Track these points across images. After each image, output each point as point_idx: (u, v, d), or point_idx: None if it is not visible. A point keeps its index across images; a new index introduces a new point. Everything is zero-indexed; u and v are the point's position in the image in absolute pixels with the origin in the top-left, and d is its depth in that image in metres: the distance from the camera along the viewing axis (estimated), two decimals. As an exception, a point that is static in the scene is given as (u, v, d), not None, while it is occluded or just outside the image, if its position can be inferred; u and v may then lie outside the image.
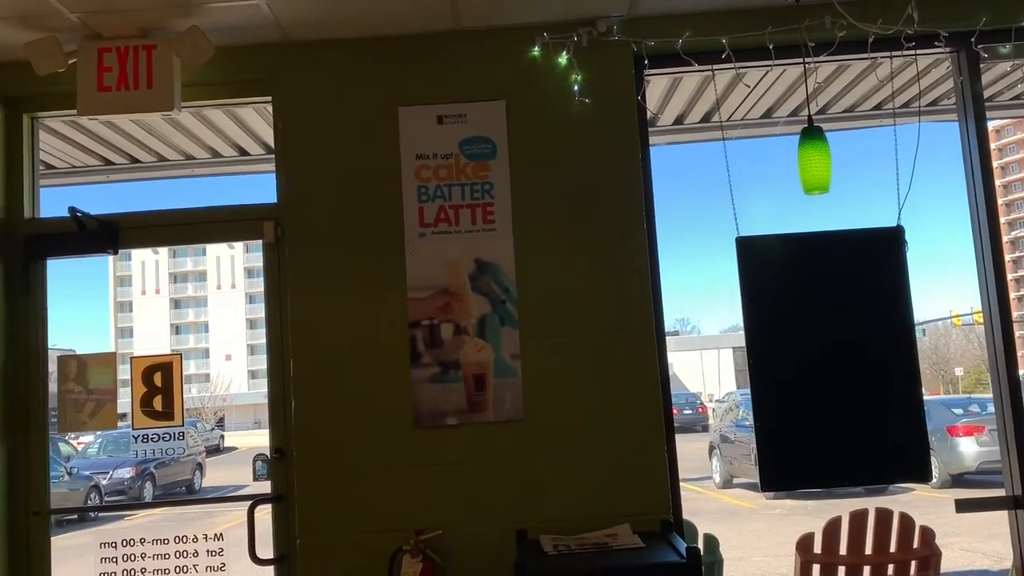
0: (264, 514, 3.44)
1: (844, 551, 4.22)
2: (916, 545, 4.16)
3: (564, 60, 3.44)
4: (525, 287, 3.43)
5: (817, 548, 4.23)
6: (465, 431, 3.37)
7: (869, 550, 4.24)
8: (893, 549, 4.20)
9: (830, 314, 3.46)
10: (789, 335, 3.45)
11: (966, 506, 3.51)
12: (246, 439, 27.56)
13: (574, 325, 3.42)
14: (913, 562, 4.15)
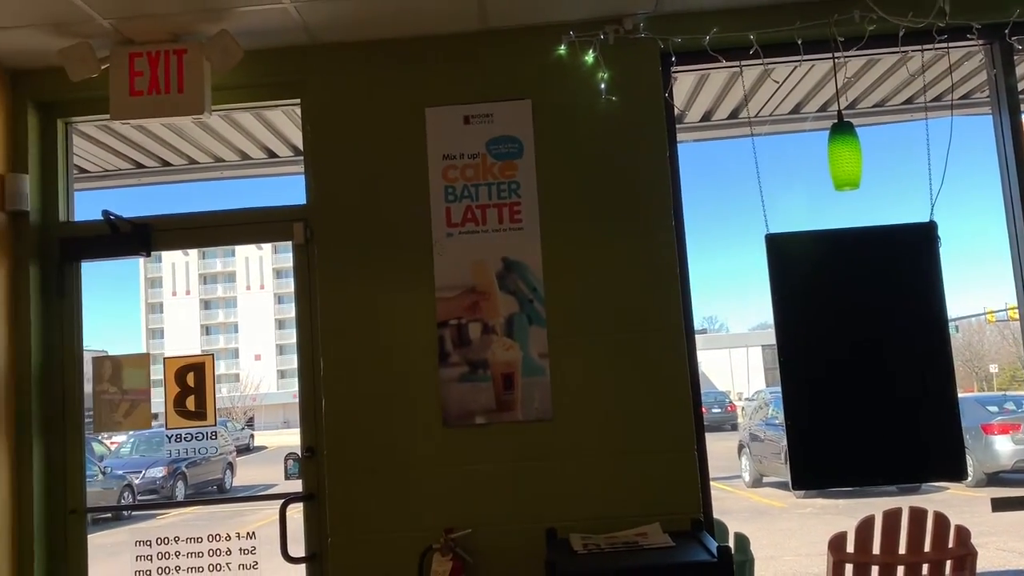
0: (296, 513, 3.47)
1: (877, 550, 4.18)
2: (951, 544, 4.12)
3: (591, 58, 3.43)
4: (553, 286, 3.43)
5: (850, 547, 4.20)
6: (494, 430, 3.38)
7: (903, 550, 4.20)
8: (928, 549, 4.16)
9: (862, 311, 3.43)
10: (820, 333, 3.42)
11: (1002, 505, 3.46)
12: (275, 438, 27.83)
13: (602, 323, 3.41)
14: (948, 562, 4.11)
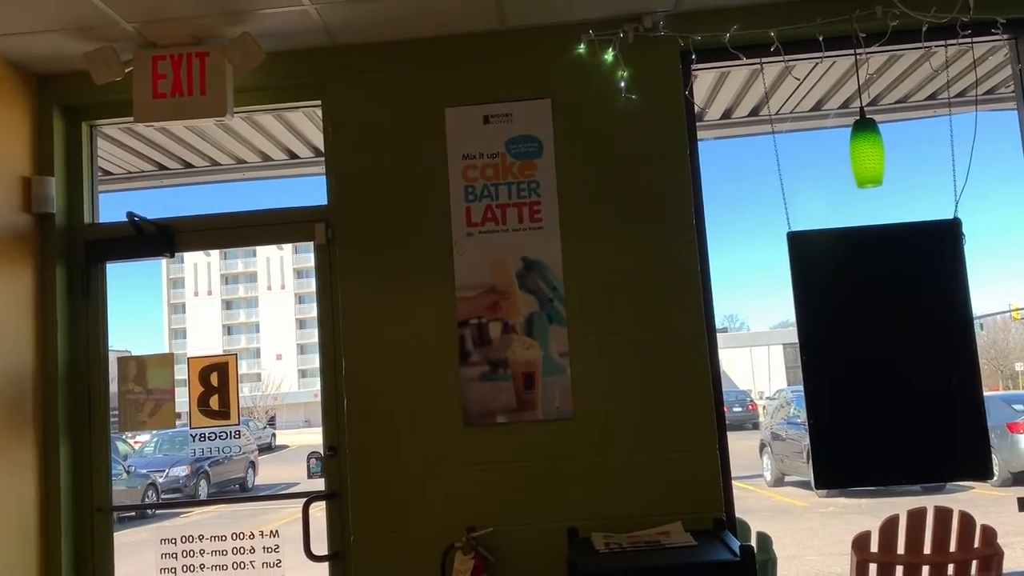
0: (318, 511, 3.49)
1: (902, 550, 4.15)
2: (977, 544, 4.08)
3: (610, 57, 3.42)
4: (573, 285, 3.43)
5: (874, 547, 4.17)
6: (515, 429, 3.39)
7: (928, 549, 4.16)
8: (953, 548, 4.12)
9: (885, 309, 3.40)
10: (843, 331, 3.40)
11: (1029, 504, 3.42)
12: (297, 437, 27.98)
13: (623, 322, 3.40)
14: (974, 562, 4.06)
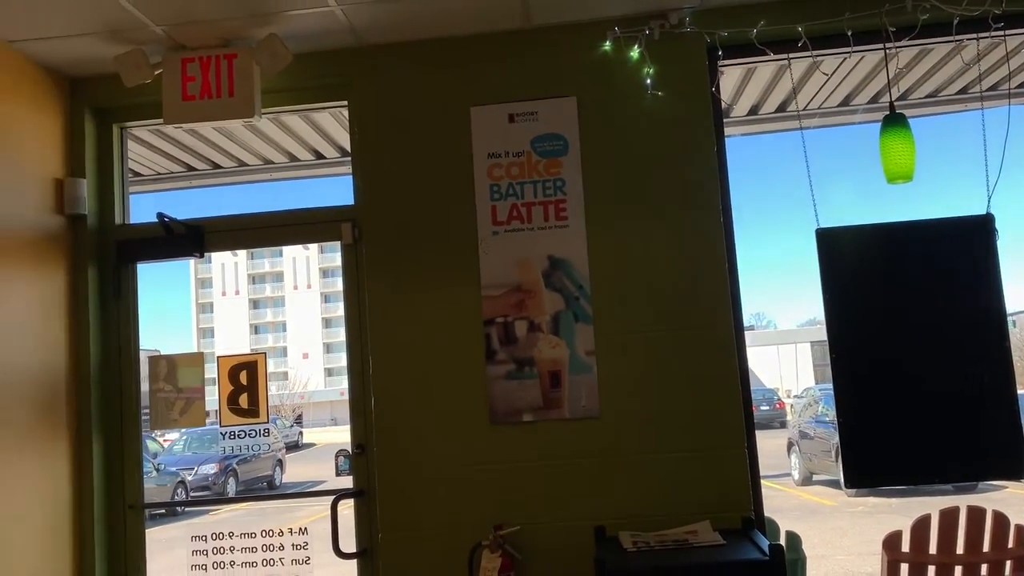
0: (346, 509, 3.51)
1: (934, 550, 4.10)
2: (1011, 545, 4.02)
3: (636, 54, 3.41)
4: (599, 283, 3.42)
5: (905, 547, 4.12)
6: (541, 428, 3.38)
7: (960, 550, 4.11)
8: (986, 548, 4.07)
9: (916, 306, 3.36)
10: (873, 328, 3.36)
11: (1065, 504, 3.37)
12: (323, 435, 28.20)
13: (650, 320, 3.39)
14: (1008, 562, 4.01)
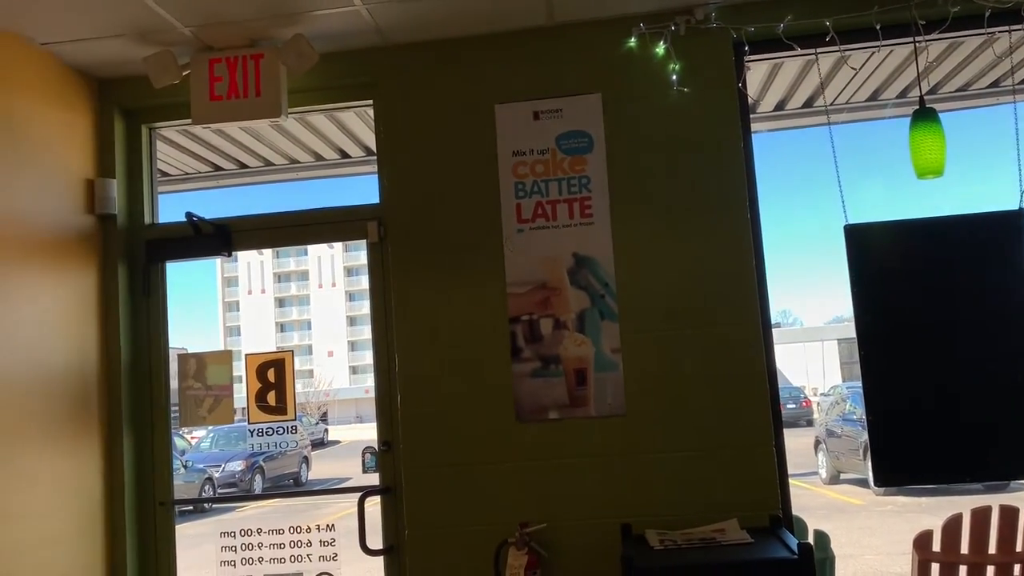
0: (373, 506, 3.53)
1: (966, 550, 4.05)
2: (1045, 545, 3.96)
3: (661, 50, 3.39)
4: (624, 280, 3.41)
5: (936, 546, 4.08)
6: (567, 425, 3.38)
7: (993, 549, 4.05)
8: (1020, 548, 4.01)
9: (946, 303, 3.31)
10: (902, 325, 3.32)
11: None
12: (349, 433, 28.39)
13: (676, 318, 3.37)
14: (1042, 562, 3.95)
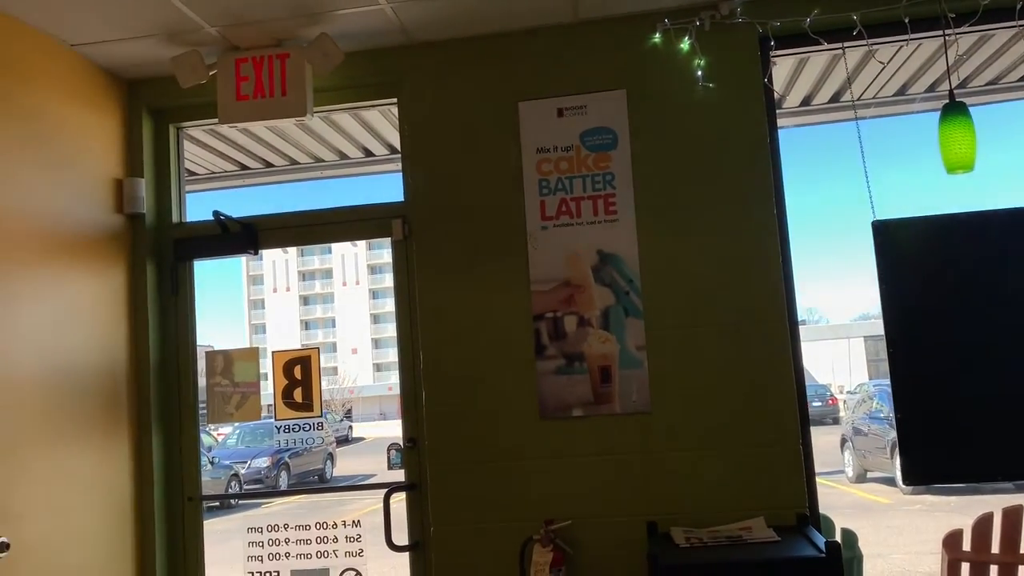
0: (398, 502, 3.55)
1: (996, 549, 3.99)
2: (1078, 545, 3.90)
3: (686, 46, 3.37)
4: (649, 277, 3.40)
5: (966, 546, 4.03)
6: (591, 423, 3.38)
7: (1024, 549, 4.00)
8: (1052, 549, 3.95)
9: (976, 299, 3.27)
10: (931, 322, 3.28)
11: None
12: (373, 430, 28.55)
13: (701, 315, 3.36)
14: (1075, 563, 3.89)
